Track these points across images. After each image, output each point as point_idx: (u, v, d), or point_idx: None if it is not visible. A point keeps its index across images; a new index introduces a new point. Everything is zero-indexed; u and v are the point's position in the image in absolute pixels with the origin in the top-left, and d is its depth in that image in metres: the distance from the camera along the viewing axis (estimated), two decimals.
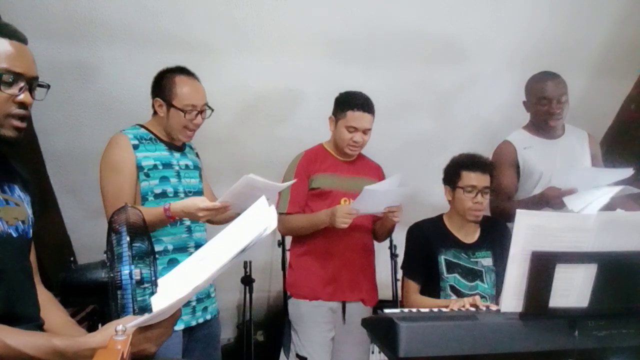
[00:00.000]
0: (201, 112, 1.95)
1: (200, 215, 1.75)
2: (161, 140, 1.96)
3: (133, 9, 2.40)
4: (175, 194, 1.93)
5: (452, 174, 2.13)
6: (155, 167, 1.90)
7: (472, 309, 1.68)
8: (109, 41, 2.46)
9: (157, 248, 1.88)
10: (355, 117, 2.20)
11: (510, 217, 1.46)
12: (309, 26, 2.61)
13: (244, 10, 2.50)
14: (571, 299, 1.30)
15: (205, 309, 2.01)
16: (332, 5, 2.56)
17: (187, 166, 2.01)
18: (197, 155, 2.15)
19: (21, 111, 1.14)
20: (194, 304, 1.96)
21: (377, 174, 2.41)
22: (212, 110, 1.98)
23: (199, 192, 2.03)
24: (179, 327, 1.89)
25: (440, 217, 2.21)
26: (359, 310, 2.28)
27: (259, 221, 1.04)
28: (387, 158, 2.53)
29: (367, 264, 2.36)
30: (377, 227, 2.36)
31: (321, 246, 2.25)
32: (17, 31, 1.16)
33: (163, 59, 2.54)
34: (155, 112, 1.98)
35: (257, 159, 2.90)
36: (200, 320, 1.98)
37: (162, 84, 1.94)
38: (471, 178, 2.07)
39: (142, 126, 1.97)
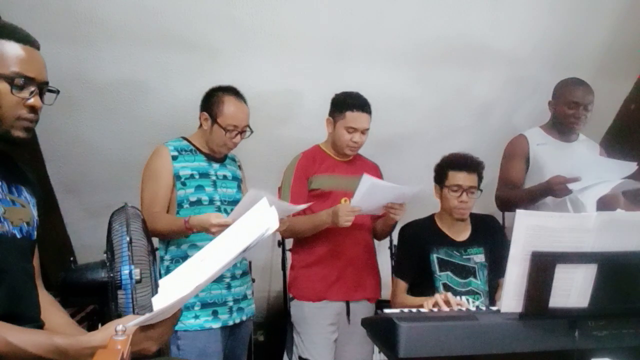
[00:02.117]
0: (242, 132, 2.06)
1: (212, 230, 1.79)
2: (201, 152, 2.07)
3: (133, 9, 2.40)
4: (211, 202, 2.02)
5: (440, 173, 2.18)
6: (192, 176, 2.01)
7: (446, 307, 1.71)
8: (109, 41, 2.46)
9: (193, 253, 1.90)
10: (355, 117, 2.21)
11: (515, 207, 1.48)
12: (309, 26, 2.61)
13: (244, 10, 2.50)
14: (571, 299, 1.29)
15: (240, 309, 2.08)
16: (332, 5, 2.56)
17: (225, 176, 2.10)
18: (239, 167, 2.23)
19: (31, 115, 1.16)
20: (230, 304, 2.03)
21: (376, 173, 2.40)
22: (252, 131, 2.08)
23: (237, 202, 2.06)
24: (216, 325, 1.98)
25: (431, 217, 2.24)
26: (363, 310, 2.28)
27: (260, 222, 1.05)
28: (385, 157, 2.53)
29: (370, 261, 2.37)
30: (379, 226, 2.36)
31: (324, 247, 2.25)
32: (29, 36, 1.18)
33: (163, 58, 2.56)
34: (200, 125, 2.09)
35: (258, 159, 2.89)
36: (237, 321, 2.06)
37: (211, 100, 2.05)
38: (457, 178, 2.10)
39: (185, 139, 2.09)
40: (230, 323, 2.03)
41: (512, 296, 1.31)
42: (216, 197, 2.04)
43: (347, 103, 2.23)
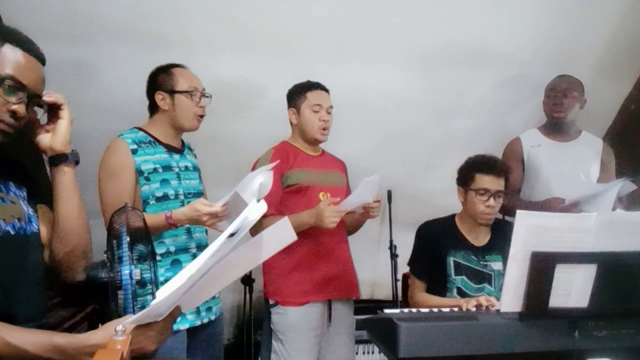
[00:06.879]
0: (203, 96, 1.99)
1: (204, 220, 1.74)
2: (160, 143, 1.96)
3: (133, 9, 2.40)
4: (176, 196, 1.92)
5: (466, 175, 2.09)
6: (155, 170, 1.89)
7: (486, 304, 1.67)
8: (109, 41, 2.46)
9: (160, 250, 1.88)
10: (316, 95, 2.22)
11: (513, 212, 1.48)
12: (309, 26, 2.61)
13: (244, 10, 2.50)
14: (571, 299, 1.30)
15: (209, 309, 2.00)
16: (331, 5, 2.56)
17: (186, 167, 2.01)
18: (195, 156, 2.15)
19: (11, 120, 1.13)
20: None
21: (343, 167, 2.40)
22: (210, 96, 2.02)
23: (199, 194, 2.02)
24: (183, 326, 1.89)
25: (452, 218, 2.18)
26: (346, 308, 2.28)
27: (245, 211, 1.04)
28: (385, 157, 2.53)
29: (348, 258, 2.31)
30: (349, 222, 2.31)
31: (304, 247, 2.12)
32: (38, 50, 1.18)
33: (163, 58, 2.54)
34: (152, 113, 2.00)
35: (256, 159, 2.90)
36: (205, 321, 1.97)
37: (160, 79, 1.98)
38: (484, 181, 2.02)
39: (140, 129, 1.96)
40: (198, 323, 1.93)
41: (512, 296, 1.31)
42: (180, 190, 1.93)
43: (304, 86, 2.25)
